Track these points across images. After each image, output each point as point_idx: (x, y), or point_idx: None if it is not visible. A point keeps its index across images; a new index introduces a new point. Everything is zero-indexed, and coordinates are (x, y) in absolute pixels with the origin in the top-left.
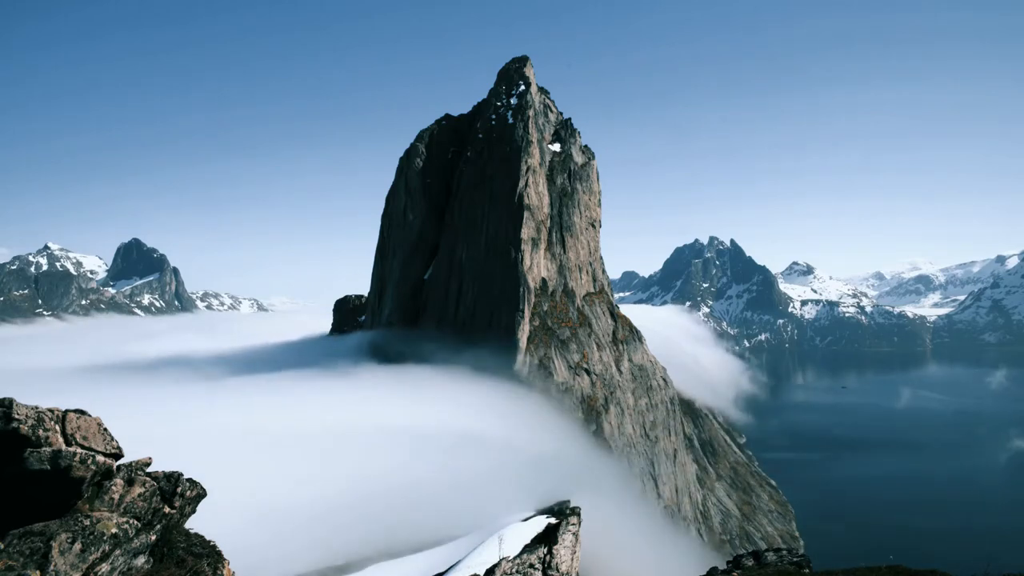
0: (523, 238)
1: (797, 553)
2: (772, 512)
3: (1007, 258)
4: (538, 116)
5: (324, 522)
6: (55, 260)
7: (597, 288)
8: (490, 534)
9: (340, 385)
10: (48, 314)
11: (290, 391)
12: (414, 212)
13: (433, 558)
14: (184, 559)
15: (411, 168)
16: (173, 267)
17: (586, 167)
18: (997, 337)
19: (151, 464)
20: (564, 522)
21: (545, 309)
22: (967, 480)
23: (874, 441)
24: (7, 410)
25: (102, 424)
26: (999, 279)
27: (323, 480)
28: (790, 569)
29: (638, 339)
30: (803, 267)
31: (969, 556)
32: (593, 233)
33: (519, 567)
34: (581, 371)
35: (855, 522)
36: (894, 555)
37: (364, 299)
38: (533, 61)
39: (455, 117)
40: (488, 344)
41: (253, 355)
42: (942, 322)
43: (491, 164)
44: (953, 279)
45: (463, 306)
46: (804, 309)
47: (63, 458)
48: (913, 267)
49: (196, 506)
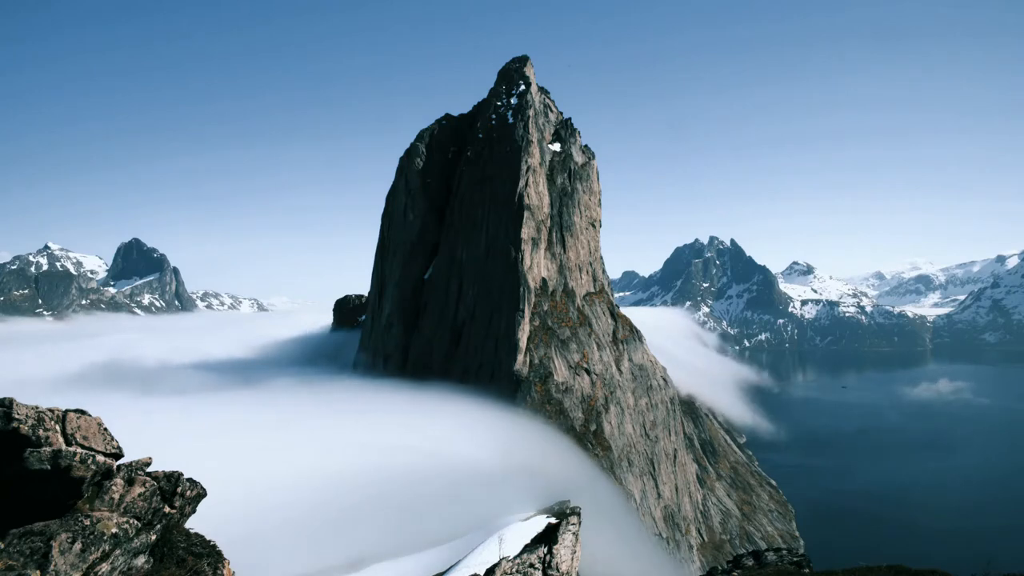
0: (523, 238)
1: (797, 553)
2: (772, 512)
3: (1007, 258)
4: (538, 116)
5: (324, 522)
6: (55, 260)
7: (597, 288)
8: (490, 534)
9: (336, 389)
10: (48, 314)
11: (287, 394)
12: (414, 212)
13: (433, 558)
14: (184, 559)
15: (411, 168)
16: (173, 267)
17: (586, 167)
18: (997, 337)
19: (151, 464)
20: (564, 522)
21: (545, 309)
22: (968, 479)
23: (874, 441)
24: (7, 410)
25: (102, 424)
26: (999, 279)
27: (323, 480)
28: (790, 569)
29: (638, 339)
30: (803, 267)
31: (969, 556)
32: (593, 233)
33: (519, 567)
34: (581, 371)
35: (855, 522)
36: (894, 554)
37: (364, 299)
38: (533, 59)
39: (455, 117)
40: (487, 345)
41: (253, 355)
42: (942, 322)
43: (491, 164)
44: (953, 279)
45: (463, 306)
46: (804, 309)
47: (63, 458)
48: (913, 267)
49: (196, 506)
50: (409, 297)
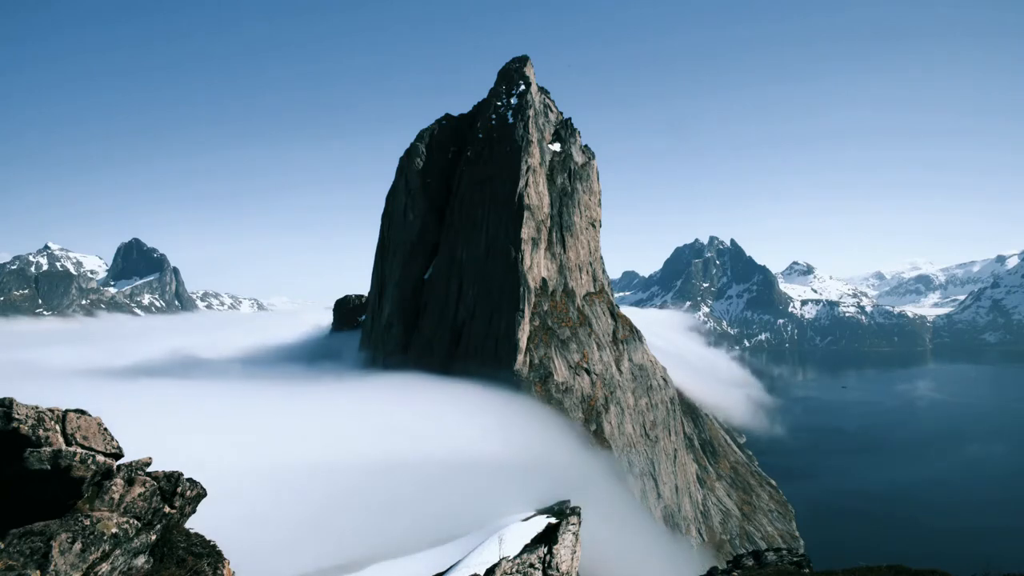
0: (523, 238)
1: (797, 553)
2: (772, 512)
3: (1007, 258)
4: (538, 116)
5: (324, 522)
6: (55, 260)
7: (597, 288)
8: (490, 534)
9: (338, 387)
10: (48, 314)
11: (287, 393)
12: (414, 212)
13: (433, 558)
14: (184, 559)
15: (411, 168)
16: (173, 267)
17: (586, 167)
18: (997, 337)
19: (151, 464)
20: (564, 522)
21: (545, 309)
22: (968, 479)
23: (874, 440)
24: (7, 410)
25: (102, 424)
26: (999, 279)
27: (323, 480)
28: (790, 569)
29: (638, 339)
30: (803, 267)
31: (969, 556)
32: (593, 233)
33: (519, 567)
34: (581, 371)
35: (855, 522)
36: (894, 554)
37: (364, 299)
38: (533, 59)
39: (455, 117)
40: (487, 345)
41: (253, 355)
42: (942, 322)
43: (491, 164)
44: (953, 279)
45: (463, 306)
46: (804, 309)
47: (63, 458)
48: (913, 267)
49: (196, 506)
50: (409, 297)
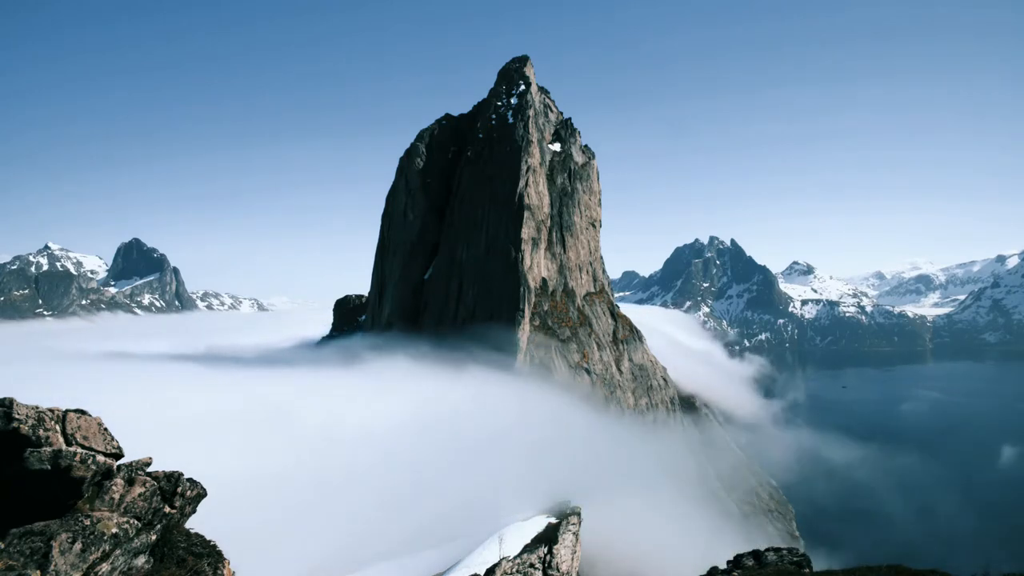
0: (523, 238)
1: (797, 553)
2: (772, 512)
3: (1007, 258)
4: (538, 116)
5: (324, 522)
6: (55, 260)
7: (597, 288)
8: (490, 534)
9: (336, 384)
10: (48, 314)
11: (288, 393)
12: (414, 212)
13: (433, 558)
14: (184, 559)
15: (411, 168)
16: (173, 267)
17: (586, 167)
18: (997, 337)
19: (151, 464)
20: (564, 522)
21: (545, 309)
22: (968, 479)
23: (874, 440)
24: (7, 410)
25: (102, 424)
26: (999, 279)
27: (322, 480)
28: (790, 569)
29: (638, 339)
30: (803, 267)
31: (969, 556)
32: (593, 233)
33: (519, 567)
34: (581, 371)
35: (855, 522)
36: (894, 554)
37: (364, 299)
38: (533, 59)
39: (455, 117)
40: (488, 343)
41: (253, 355)
42: (942, 322)
43: (491, 164)
44: (953, 279)
45: (463, 306)
46: (804, 309)
47: (63, 458)
48: (913, 267)
49: (196, 506)
50: (409, 297)
